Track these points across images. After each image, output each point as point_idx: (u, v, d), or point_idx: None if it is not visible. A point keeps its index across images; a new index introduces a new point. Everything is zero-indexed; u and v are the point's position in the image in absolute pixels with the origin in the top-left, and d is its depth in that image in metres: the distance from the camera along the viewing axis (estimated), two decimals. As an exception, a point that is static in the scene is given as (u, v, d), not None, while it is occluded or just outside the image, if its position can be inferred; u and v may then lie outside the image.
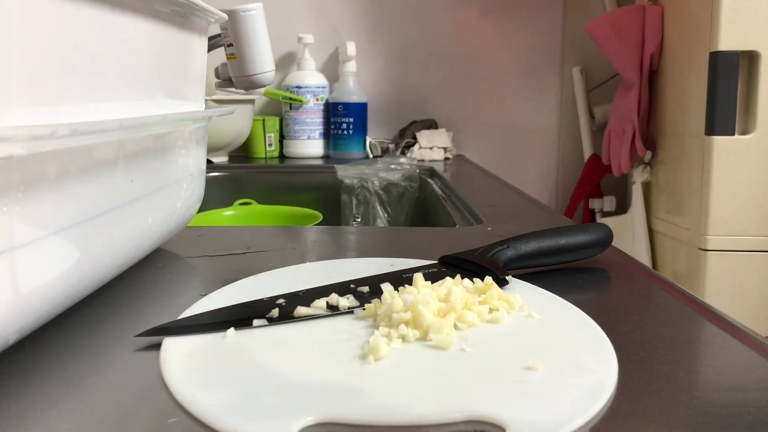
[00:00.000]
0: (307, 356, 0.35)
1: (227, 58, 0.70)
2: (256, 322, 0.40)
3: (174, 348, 0.36)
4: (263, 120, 1.53)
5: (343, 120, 1.54)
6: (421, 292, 0.41)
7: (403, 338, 0.37)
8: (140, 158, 0.47)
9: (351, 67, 1.56)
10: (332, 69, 1.62)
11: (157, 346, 0.37)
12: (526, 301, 0.44)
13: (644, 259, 1.57)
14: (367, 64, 1.64)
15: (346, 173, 1.28)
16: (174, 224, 0.58)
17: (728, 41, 1.26)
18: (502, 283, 0.47)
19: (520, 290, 0.47)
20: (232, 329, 0.38)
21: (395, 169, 1.28)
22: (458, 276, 0.45)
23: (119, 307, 0.46)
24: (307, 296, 0.44)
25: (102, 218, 0.42)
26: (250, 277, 0.49)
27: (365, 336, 0.38)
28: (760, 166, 1.27)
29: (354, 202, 1.26)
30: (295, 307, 0.41)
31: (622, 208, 1.73)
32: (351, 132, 1.54)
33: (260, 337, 0.38)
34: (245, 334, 0.38)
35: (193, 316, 0.41)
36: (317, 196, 1.34)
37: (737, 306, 1.28)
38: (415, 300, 0.38)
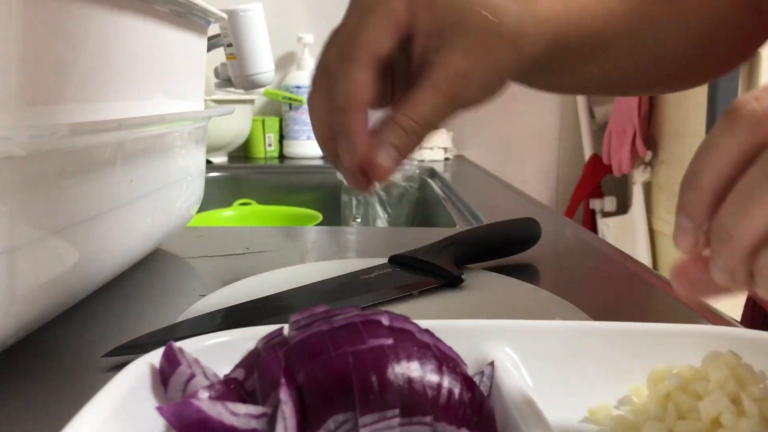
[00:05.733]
0: None
1: (227, 58, 0.70)
2: None
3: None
4: (263, 120, 1.53)
5: (343, 120, 1.53)
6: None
7: None
8: (139, 158, 0.47)
9: (351, 67, 1.55)
10: (332, 69, 1.62)
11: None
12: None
13: (644, 259, 1.57)
14: (367, 64, 1.63)
15: (346, 173, 1.28)
16: (173, 224, 0.58)
17: (728, 41, 1.26)
18: (457, 281, 0.46)
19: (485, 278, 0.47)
20: None
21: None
22: None
23: (119, 307, 0.46)
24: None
25: (101, 218, 0.42)
26: (250, 278, 0.49)
27: None
28: (761, 166, 1.27)
29: (354, 202, 1.26)
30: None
31: (623, 208, 1.73)
32: (351, 132, 1.54)
33: None
34: None
35: (168, 328, 0.38)
36: (317, 197, 1.34)
37: (737, 306, 1.28)
38: None
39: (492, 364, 0.27)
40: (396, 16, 0.33)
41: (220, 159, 1.42)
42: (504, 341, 0.29)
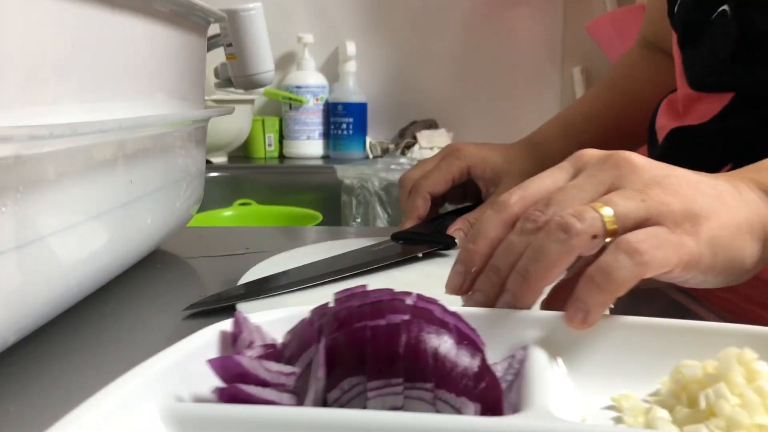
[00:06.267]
0: None
1: (227, 58, 0.70)
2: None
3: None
4: (263, 120, 1.53)
5: (343, 120, 1.53)
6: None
7: None
8: (139, 158, 0.47)
9: (351, 67, 1.55)
10: (332, 69, 1.62)
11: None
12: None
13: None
14: (367, 64, 1.63)
15: (346, 173, 1.28)
16: (173, 225, 0.58)
17: (728, 41, 1.26)
18: (451, 244, 0.55)
19: None
20: None
21: (395, 170, 1.28)
22: None
23: (118, 308, 0.46)
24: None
25: (101, 218, 0.42)
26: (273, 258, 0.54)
27: None
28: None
29: (354, 202, 1.26)
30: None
31: (622, 208, 1.73)
32: (351, 132, 1.54)
33: None
34: None
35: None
36: (317, 197, 1.34)
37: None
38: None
39: (525, 348, 0.29)
40: (452, 174, 0.60)
41: (220, 159, 1.42)
42: (545, 331, 0.30)
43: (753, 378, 0.26)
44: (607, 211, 0.30)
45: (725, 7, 0.52)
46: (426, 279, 0.49)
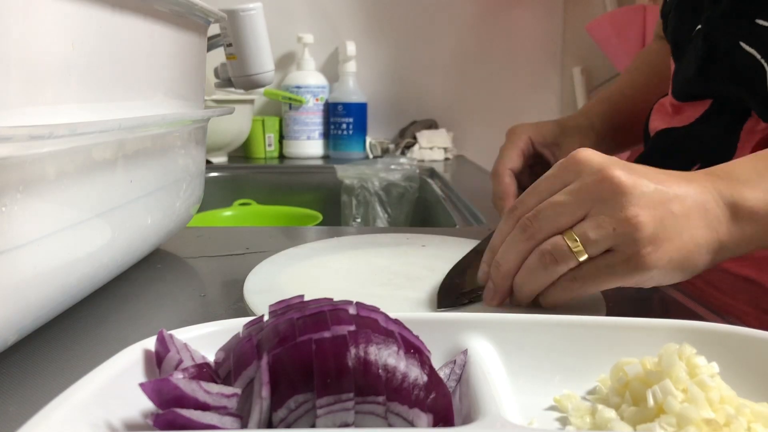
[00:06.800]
0: None
1: (227, 58, 0.70)
2: None
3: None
4: (263, 120, 1.53)
5: (342, 120, 1.53)
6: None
7: None
8: (139, 158, 0.47)
9: (351, 67, 1.55)
10: (332, 69, 1.62)
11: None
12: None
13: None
14: (367, 64, 1.63)
15: (346, 173, 1.28)
16: (173, 224, 0.58)
17: (728, 41, 1.26)
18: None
19: None
20: None
21: (395, 170, 1.28)
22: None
23: (118, 307, 0.46)
24: None
25: (101, 218, 0.42)
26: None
27: None
28: (761, 166, 1.27)
29: (354, 202, 1.26)
30: None
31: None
32: (351, 132, 1.54)
33: None
34: None
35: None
36: (317, 197, 1.34)
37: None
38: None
39: (465, 352, 0.29)
40: (520, 147, 0.66)
41: (220, 159, 1.42)
42: (483, 333, 0.31)
43: (694, 373, 0.27)
44: (578, 248, 0.38)
45: (701, 26, 0.57)
46: (432, 273, 0.50)
